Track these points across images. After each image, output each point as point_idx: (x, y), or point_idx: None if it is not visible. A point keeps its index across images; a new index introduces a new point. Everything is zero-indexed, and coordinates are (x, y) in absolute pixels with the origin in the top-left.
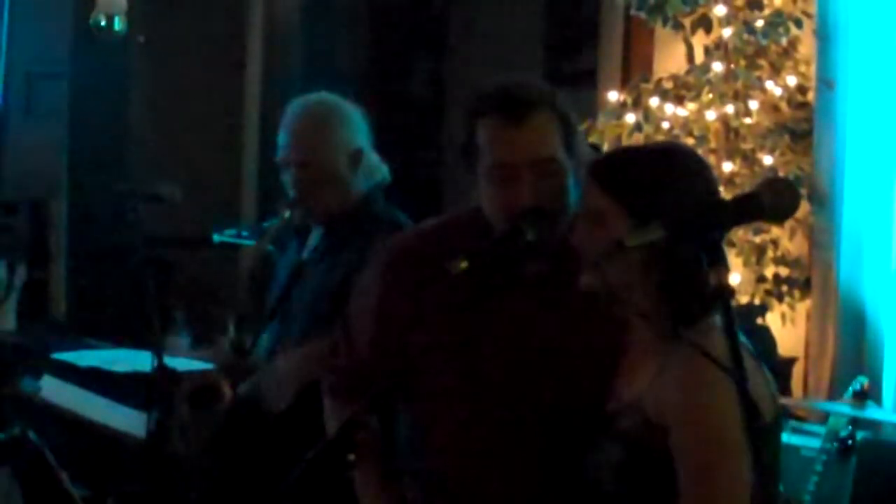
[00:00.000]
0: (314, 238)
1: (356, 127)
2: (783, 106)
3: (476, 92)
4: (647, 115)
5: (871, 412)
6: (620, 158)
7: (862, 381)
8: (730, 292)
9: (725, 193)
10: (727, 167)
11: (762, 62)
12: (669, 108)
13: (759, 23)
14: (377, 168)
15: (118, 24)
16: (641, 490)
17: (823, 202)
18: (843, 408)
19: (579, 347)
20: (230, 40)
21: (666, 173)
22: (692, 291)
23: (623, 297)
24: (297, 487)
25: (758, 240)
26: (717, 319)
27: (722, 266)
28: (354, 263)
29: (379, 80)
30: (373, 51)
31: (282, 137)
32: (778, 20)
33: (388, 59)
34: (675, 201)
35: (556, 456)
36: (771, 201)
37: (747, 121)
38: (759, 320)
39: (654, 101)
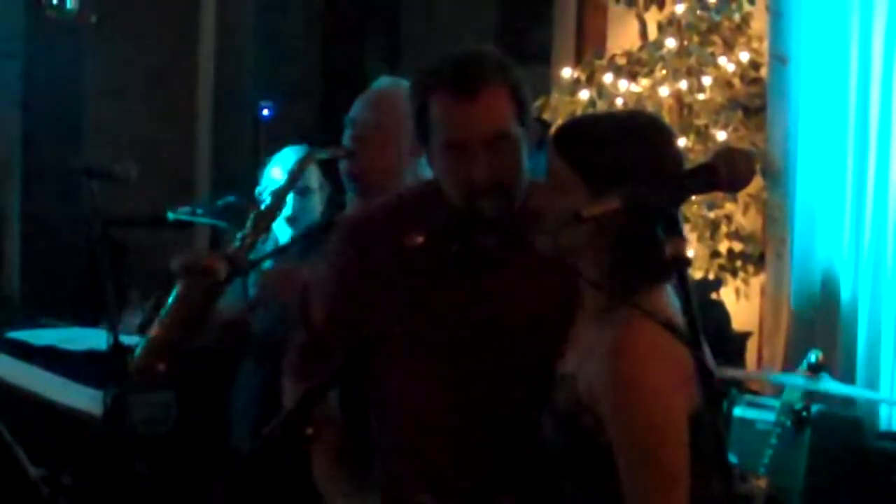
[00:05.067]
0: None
1: None
2: (736, 82)
3: (426, 66)
4: (601, 91)
5: (826, 384)
6: (582, 127)
7: (816, 354)
8: (686, 263)
9: None
10: (681, 143)
11: (715, 38)
12: (623, 85)
13: None
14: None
15: (70, 3)
16: (576, 463)
17: (777, 177)
18: (798, 380)
19: (535, 318)
20: (183, 18)
21: (626, 143)
22: (647, 262)
23: (578, 264)
24: (254, 463)
25: (712, 215)
26: (669, 290)
27: (678, 237)
28: None
29: (333, 57)
30: (326, 29)
31: (360, 101)
32: None
33: (341, 35)
34: (633, 171)
35: (512, 418)
36: (726, 171)
37: (700, 97)
38: (714, 295)
39: (607, 78)
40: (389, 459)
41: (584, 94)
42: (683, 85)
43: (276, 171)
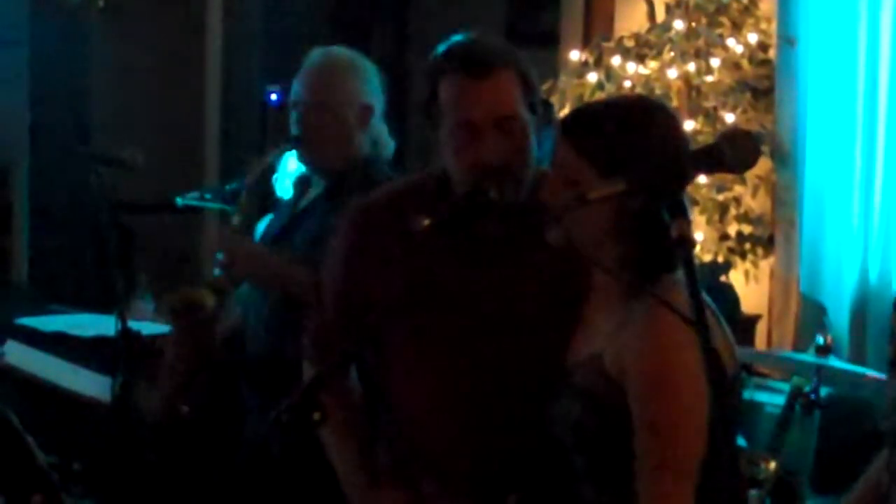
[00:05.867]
0: (314, 191)
1: (371, 85)
2: (745, 63)
3: (436, 51)
4: (609, 73)
5: (835, 367)
6: (589, 113)
7: (825, 337)
8: (691, 244)
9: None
10: (689, 125)
11: (723, 19)
12: (631, 67)
13: None
14: (385, 141)
15: None
16: (599, 445)
17: (785, 159)
18: (808, 358)
19: (541, 303)
20: (190, 2)
21: (633, 128)
22: (654, 244)
23: (587, 251)
24: (263, 448)
25: (720, 197)
26: (680, 274)
27: (683, 219)
28: None
29: (340, 40)
30: (334, 12)
31: (297, 82)
32: None
33: (349, 20)
34: (639, 156)
35: (519, 409)
36: (731, 152)
37: (709, 79)
38: (723, 278)
39: (615, 60)
40: (396, 446)
41: (592, 77)
42: (692, 67)
43: (293, 161)
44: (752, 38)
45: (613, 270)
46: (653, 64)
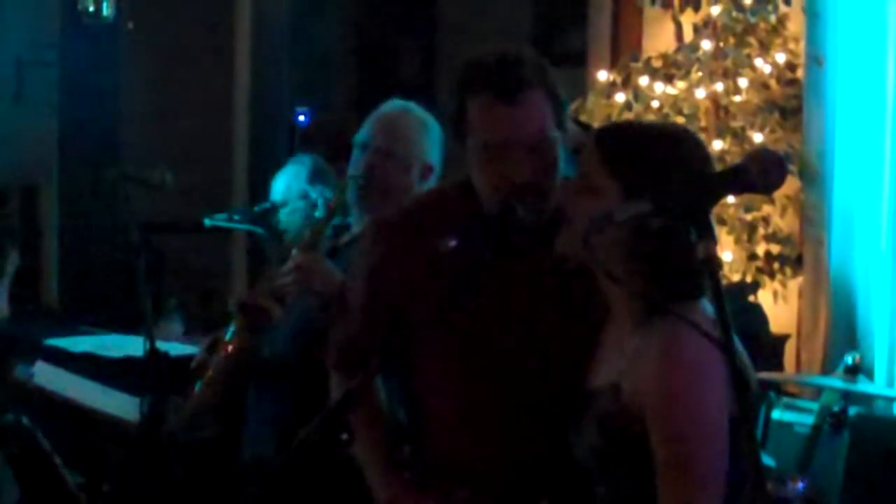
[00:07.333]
0: (355, 229)
1: (436, 146)
2: (772, 83)
3: (465, 65)
4: (637, 94)
5: (863, 386)
6: (628, 134)
7: (854, 356)
8: (718, 264)
9: None
10: (717, 145)
11: (751, 39)
12: (659, 87)
13: (748, 0)
14: None
15: (106, 10)
16: (619, 472)
17: (814, 179)
18: (835, 382)
19: (567, 322)
20: (218, 24)
21: (668, 157)
22: (680, 265)
23: (611, 270)
24: (291, 465)
25: (749, 217)
26: (705, 296)
27: (710, 239)
28: None
29: (368, 62)
30: (362, 33)
31: (369, 125)
32: None
33: (377, 40)
34: (665, 177)
35: (545, 428)
36: (757, 172)
37: (737, 98)
38: (752, 298)
39: (643, 80)
40: (426, 456)
41: (619, 97)
42: (720, 87)
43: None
44: (780, 57)
45: (633, 290)
46: (681, 84)
